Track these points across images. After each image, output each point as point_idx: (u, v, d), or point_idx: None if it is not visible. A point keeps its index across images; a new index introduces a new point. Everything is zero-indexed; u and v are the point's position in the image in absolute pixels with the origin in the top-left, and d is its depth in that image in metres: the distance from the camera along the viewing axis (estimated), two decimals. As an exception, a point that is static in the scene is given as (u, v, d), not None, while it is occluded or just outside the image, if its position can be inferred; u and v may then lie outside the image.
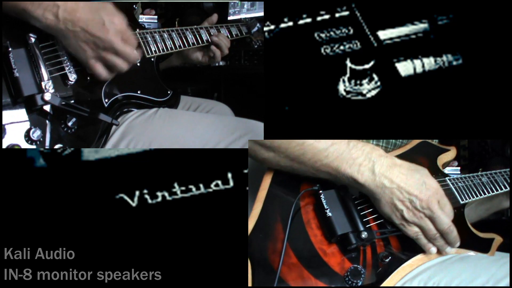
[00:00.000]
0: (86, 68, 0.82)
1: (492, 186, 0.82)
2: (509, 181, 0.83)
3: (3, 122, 0.74)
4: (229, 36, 1.17)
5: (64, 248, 0.65)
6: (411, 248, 0.69)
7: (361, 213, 0.68)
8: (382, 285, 0.64)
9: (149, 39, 0.96)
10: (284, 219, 0.67)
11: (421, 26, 0.78)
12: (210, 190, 0.68)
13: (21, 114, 0.76)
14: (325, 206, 0.67)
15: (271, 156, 0.73)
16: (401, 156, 0.80)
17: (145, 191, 0.68)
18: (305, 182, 0.72)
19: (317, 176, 0.71)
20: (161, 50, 0.98)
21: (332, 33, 0.77)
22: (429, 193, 0.67)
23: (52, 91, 0.78)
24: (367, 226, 0.68)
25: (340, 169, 0.68)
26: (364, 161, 0.68)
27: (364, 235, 0.65)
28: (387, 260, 0.65)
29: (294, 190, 0.71)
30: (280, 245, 0.65)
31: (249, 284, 0.63)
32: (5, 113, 0.75)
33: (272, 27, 0.79)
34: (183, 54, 1.19)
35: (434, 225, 0.68)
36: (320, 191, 0.69)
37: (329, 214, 0.67)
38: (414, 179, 0.67)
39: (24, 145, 0.75)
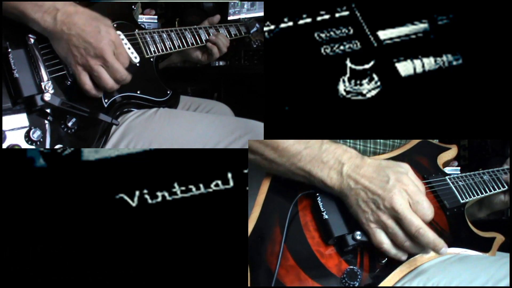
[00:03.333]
0: (73, 75, 0.81)
1: (494, 184, 0.82)
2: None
3: (4, 126, 0.74)
4: (228, 36, 1.18)
5: (64, 248, 0.65)
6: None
7: None
8: (380, 285, 0.64)
9: (148, 39, 0.97)
10: (282, 222, 0.67)
11: (421, 26, 0.78)
12: (210, 190, 0.69)
13: (21, 116, 0.76)
14: (322, 208, 0.67)
15: (252, 158, 0.74)
16: (401, 156, 0.80)
17: (145, 191, 0.68)
18: (303, 185, 0.72)
19: (294, 178, 0.71)
20: (160, 50, 0.98)
21: (332, 33, 0.77)
22: (395, 191, 0.61)
23: (52, 91, 0.78)
24: None
25: (312, 172, 0.67)
26: (334, 164, 0.67)
27: (359, 236, 0.65)
28: (384, 261, 0.65)
29: (292, 193, 0.71)
30: (278, 247, 0.65)
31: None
32: (5, 116, 0.75)
33: (272, 27, 0.79)
34: (183, 52, 1.19)
35: (401, 228, 0.61)
36: (317, 194, 0.69)
37: (326, 216, 0.67)
38: (379, 177, 0.63)
39: (24, 145, 0.75)
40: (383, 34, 0.77)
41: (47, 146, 0.77)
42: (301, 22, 0.79)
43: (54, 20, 0.75)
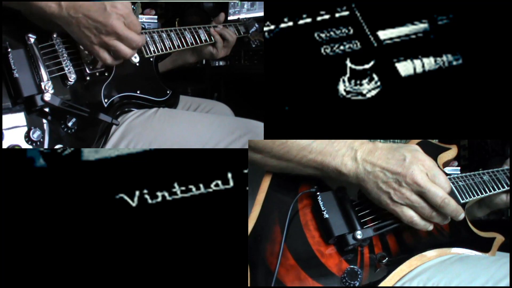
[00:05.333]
0: (92, 55, 0.82)
1: (494, 184, 0.82)
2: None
3: (4, 126, 0.74)
4: (236, 34, 1.20)
5: (64, 248, 0.65)
6: (409, 249, 0.69)
7: (359, 214, 0.68)
8: (380, 285, 0.64)
9: (148, 39, 0.96)
10: (282, 221, 0.67)
11: (421, 26, 0.78)
12: (210, 190, 0.68)
13: (21, 116, 0.76)
14: (322, 208, 0.67)
15: (258, 158, 0.74)
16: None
17: (145, 191, 0.68)
18: (303, 184, 0.72)
19: (305, 172, 0.71)
20: (159, 50, 0.98)
21: (332, 33, 0.77)
22: (414, 167, 0.63)
23: (52, 91, 0.78)
24: (365, 227, 0.68)
25: (325, 162, 0.68)
26: (347, 151, 0.67)
27: (359, 235, 0.65)
28: (384, 261, 0.65)
29: (292, 192, 0.71)
30: (278, 247, 0.65)
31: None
32: (5, 116, 0.75)
33: (272, 27, 0.79)
34: (197, 50, 1.20)
35: (426, 201, 0.64)
36: (318, 193, 0.69)
37: (326, 215, 0.67)
38: (395, 157, 0.65)
39: (24, 145, 0.75)
40: (383, 34, 0.77)
41: (47, 146, 0.77)
42: (301, 22, 0.79)
43: (58, 5, 0.75)
